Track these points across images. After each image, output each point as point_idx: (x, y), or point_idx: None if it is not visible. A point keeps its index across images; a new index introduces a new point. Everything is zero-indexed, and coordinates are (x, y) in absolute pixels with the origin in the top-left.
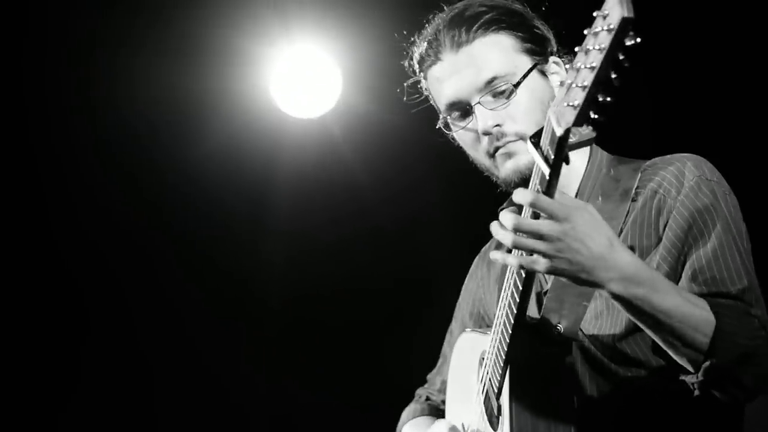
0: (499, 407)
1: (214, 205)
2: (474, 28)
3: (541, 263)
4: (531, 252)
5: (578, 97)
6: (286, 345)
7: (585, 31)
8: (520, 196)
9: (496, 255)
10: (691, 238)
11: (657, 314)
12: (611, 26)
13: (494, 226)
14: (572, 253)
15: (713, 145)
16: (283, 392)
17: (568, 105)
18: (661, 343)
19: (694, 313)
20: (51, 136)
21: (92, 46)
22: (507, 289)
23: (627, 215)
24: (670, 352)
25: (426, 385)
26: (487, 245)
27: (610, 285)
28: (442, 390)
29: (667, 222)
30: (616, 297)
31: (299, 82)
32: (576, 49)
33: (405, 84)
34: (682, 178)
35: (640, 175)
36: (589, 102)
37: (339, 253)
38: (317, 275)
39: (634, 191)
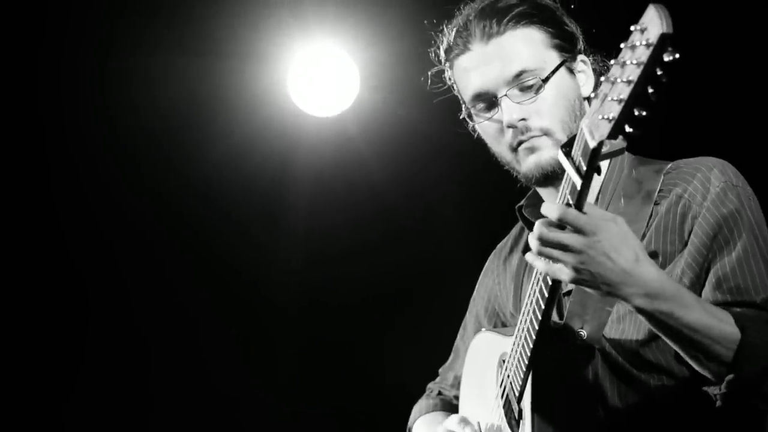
0: (520, 411)
1: (231, 203)
2: (506, 20)
3: (565, 273)
4: (556, 260)
5: (614, 111)
6: (302, 345)
7: (621, 45)
8: (547, 209)
9: (529, 257)
10: (716, 246)
11: (682, 328)
12: (650, 41)
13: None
14: (596, 266)
15: (730, 146)
16: (298, 395)
17: (603, 118)
18: (684, 356)
19: (718, 327)
20: (67, 135)
21: (110, 45)
22: (532, 294)
23: (650, 219)
24: (693, 364)
25: (438, 380)
26: (503, 242)
27: (635, 300)
28: (455, 385)
29: (692, 228)
30: (641, 311)
31: (317, 80)
32: (611, 62)
33: (429, 72)
34: (708, 184)
35: (663, 177)
36: (625, 116)
37: (356, 251)
38: (335, 273)
39: (657, 194)
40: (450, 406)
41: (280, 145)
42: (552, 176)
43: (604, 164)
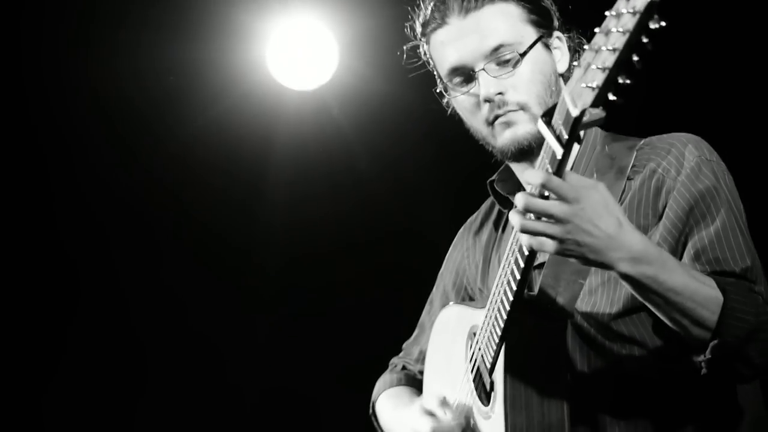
0: (492, 383)
1: (211, 176)
2: None
3: (549, 244)
4: (540, 233)
5: (598, 78)
6: (283, 312)
7: (606, 12)
8: (530, 176)
9: (512, 218)
10: (692, 220)
11: (666, 292)
12: (636, 8)
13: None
14: (581, 234)
15: (706, 124)
16: (281, 364)
17: (586, 86)
18: (669, 322)
19: (702, 290)
20: (51, 109)
21: (90, 20)
22: (507, 266)
23: (623, 193)
24: (678, 331)
25: (402, 354)
26: (473, 217)
27: (620, 265)
28: (420, 360)
29: (666, 202)
30: (625, 276)
31: (296, 54)
32: (596, 30)
33: (405, 47)
34: (682, 159)
35: (636, 153)
36: (609, 83)
37: (335, 223)
38: (314, 246)
39: (630, 169)
40: (414, 381)
41: (260, 119)
42: (527, 151)
43: None
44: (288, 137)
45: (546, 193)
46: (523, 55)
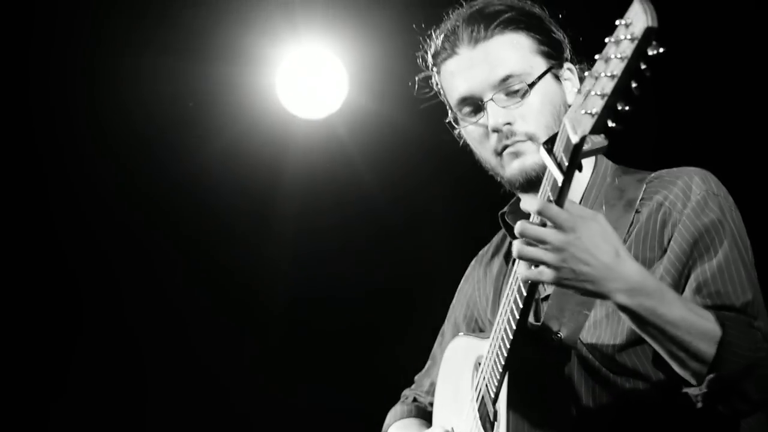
0: (495, 413)
1: (220, 205)
2: (493, 25)
3: (546, 274)
4: (537, 264)
5: (597, 105)
6: (290, 347)
7: (606, 39)
8: (528, 203)
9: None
10: (696, 253)
11: (664, 325)
12: (634, 35)
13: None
14: (577, 263)
15: (716, 157)
16: (287, 394)
17: (585, 113)
18: (665, 355)
19: (700, 324)
20: (57, 135)
21: (98, 45)
22: (510, 295)
23: (631, 226)
24: (674, 365)
25: (413, 386)
26: (485, 249)
27: (617, 296)
28: (430, 392)
29: (672, 235)
30: (623, 308)
31: (306, 83)
32: (596, 57)
33: (417, 77)
34: (688, 192)
35: (645, 186)
36: (608, 110)
37: (345, 253)
38: (323, 276)
39: (638, 202)
40: (424, 413)
41: (269, 147)
42: (535, 181)
43: (587, 171)
44: (297, 166)
45: (546, 222)
46: (531, 85)
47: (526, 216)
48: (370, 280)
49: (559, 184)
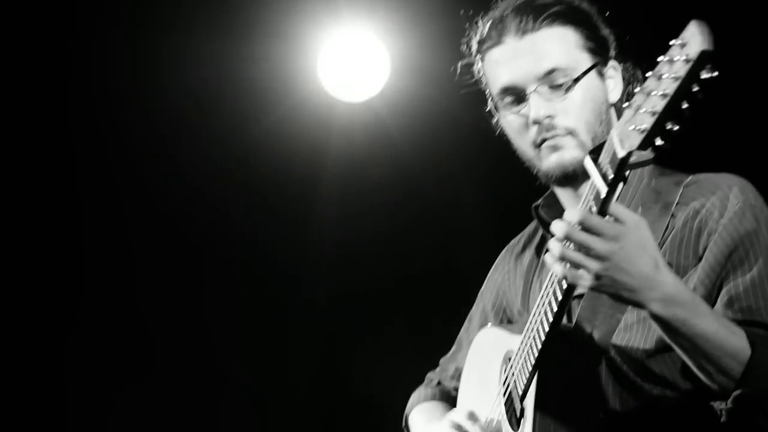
0: (522, 410)
1: (262, 188)
2: (542, 17)
3: (586, 279)
4: (578, 266)
5: (646, 122)
6: (332, 329)
7: (659, 58)
8: (570, 214)
9: (548, 259)
10: (730, 264)
11: (695, 337)
12: (689, 57)
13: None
14: (618, 272)
15: (754, 163)
16: (331, 380)
17: (634, 128)
18: (693, 367)
19: (731, 340)
20: (96, 115)
21: (141, 26)
22: (545, 296)
23: (666, 230)
24: (702, 377)
25: (438, 370)
26: (516, 239)
27: (652, 305)
28: (455, 377)
29: (707, 245)
30: (656, 317)
31: (347, 65)
32: (647, 74)
33: (459, 63)
34: (726, 201)
35: (682, 190)
36: (657, 128)
37: (387, 235)
38: (366, 258)
39: (674, 206)
40: (448, 397)
41: (311, 130)
42: (572, 177)
43: None
44: (339, 149)
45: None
46: (576, 80)
47: (561, 210)
48: (410, 262)
49: (602, 196)
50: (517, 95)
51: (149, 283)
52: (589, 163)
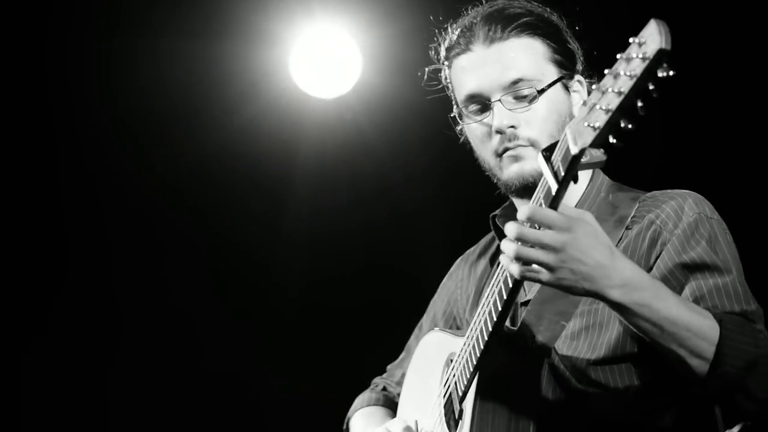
0: (461, 411)
1: (234, 183)
2: (510, 27)
3: (543, 274)
4: (533, 262)
5: (600, 120)
6: (303, 326)
7: (618, 55)
8: (523, 211)
9: (503, 260)
10: (689, 272)
11: (661, 321)
12: (646, 55)
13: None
14: (575, 263)
15: (715, 180)
16: (299, 378)
17: (588, 125)
18: (665, 355)
19: (698, 320)
20: (73, 115)
21: (114, 26)
22: (490, 296)
23: (619, 242)
24: (675, 365)
25: (385, 375)
26: (472, 248)
27: (612, 292)
28: (401, 383)
29: (659, 254)
30: (618, 306)
31: (319, 62)
32: (605, 71)
33: (426, 69)
34: (680, 213)
35: (637, 205)
36: (611, 126)
37: (359, 231)
38: (338, 253)
39: (630, 220)
40: (392, 403)
41: (284, 126)
42: (531, 188)
43: (582, 183)
44: (311, 145)
45: (536, 226)
46: (540, 92)
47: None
48: (384, 259)
49: (553, 193)
50: (482, 103)
51: (124, 278)
52: (541, 161)
